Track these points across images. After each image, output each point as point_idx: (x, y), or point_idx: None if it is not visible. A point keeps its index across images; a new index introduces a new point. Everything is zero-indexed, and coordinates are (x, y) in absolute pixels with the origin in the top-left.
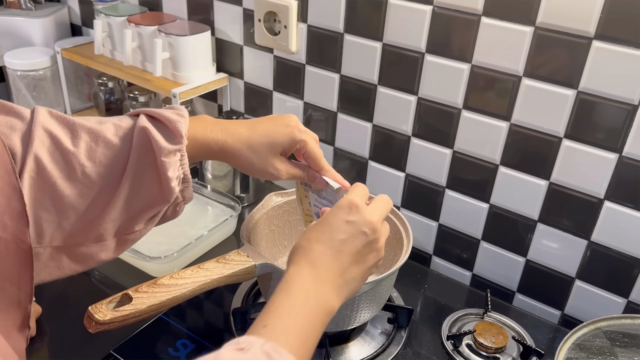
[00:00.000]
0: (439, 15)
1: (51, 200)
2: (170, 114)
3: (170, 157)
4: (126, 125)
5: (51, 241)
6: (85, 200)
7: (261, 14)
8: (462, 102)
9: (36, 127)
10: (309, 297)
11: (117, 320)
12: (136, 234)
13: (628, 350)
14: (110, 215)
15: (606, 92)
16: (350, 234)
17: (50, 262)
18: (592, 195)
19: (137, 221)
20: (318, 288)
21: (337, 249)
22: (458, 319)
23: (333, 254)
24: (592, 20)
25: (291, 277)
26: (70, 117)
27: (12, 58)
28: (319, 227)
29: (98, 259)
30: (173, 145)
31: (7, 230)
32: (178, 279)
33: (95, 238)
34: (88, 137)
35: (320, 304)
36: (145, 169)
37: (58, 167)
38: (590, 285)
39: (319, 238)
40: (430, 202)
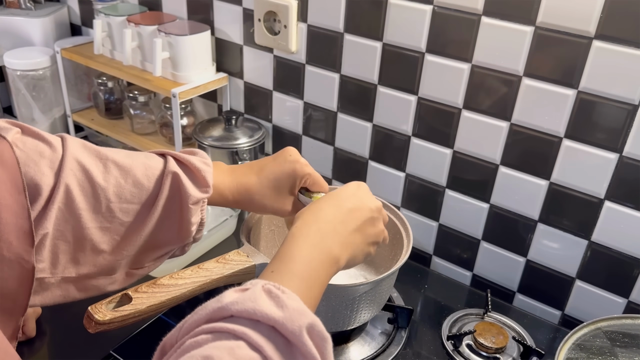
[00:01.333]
0: (439, 14)
1: (72, 232)
2: (198, 163)
3: (197, 205)
4: (156, 165)
5: (64, 272)
6: (105, 236)
7: (261, 13)
8: (462, 102)
9: (67, 157)
10: (314, 246)
11: (117, 321)
12: (145, 269)
13: (628, 350)
14: (126, 252)
15: (606, 92)
16: (357, 206)
17: (57, 290)
18: (593, 195)
19: (149, 258)
20: (323, 239)
21: (344, 214)
22: (458, 319)
23: (340, 217)
24: (593, 20)
25: (298, 229)
26: (101, 149)
27: (11, 58)
28: (329, 195)
29: (104, 290)
30: (201, 194)
31: (12, 249)
32: (178, 279)
33: (107, 272)
34: (118, 172)
35: (325, 253)
36: (171, 212)
37: (86, 199)
38: (591, 285)
39: (329, 202)
40: (431, 202)
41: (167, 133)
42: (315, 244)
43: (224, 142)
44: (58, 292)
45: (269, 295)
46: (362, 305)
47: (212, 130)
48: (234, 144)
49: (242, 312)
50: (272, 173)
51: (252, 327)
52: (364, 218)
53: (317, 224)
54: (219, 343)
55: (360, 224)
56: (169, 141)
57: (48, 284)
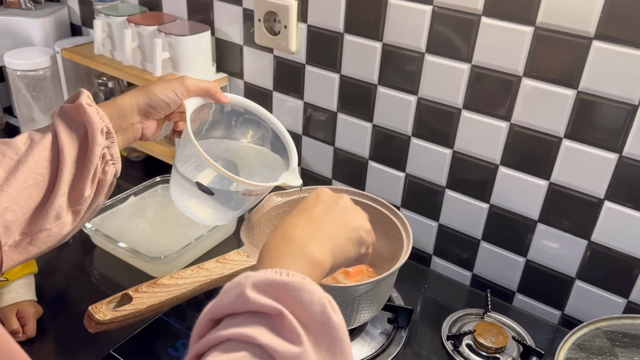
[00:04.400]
0: (439, 15)
1: (10, 198)
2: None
3: (86, 106)
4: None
5: (15, 237)
6: (38, 188)
7: (261, 13)
8: (462, 102)
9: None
10: (288, 252)
11: (117, 320)
12: (86, 201)
13: (628, 350)
14: (61, 190)
15: (606, 92)
16: (323, 204)
17: (15, 254)
18: (592, 195)
19: (83, 185)
20: (293, 245)
21: (309, 214)
22: (458, 319)
23: (306, 218)
24: (592, 20)
25: (265, 249)
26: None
27: (12, 58)
28: (293, 211)
29: (59, 236)
30: (80, 97)
31: None
32: (178, 278)
33: (54, 218)
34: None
35: (301, 254)
36: (72, 127)
37: (7, 168)
38: (591, 285)
39: (293, 216)
40: (430, 202)
41: None
42: (288, 249)
43: None
44: (17, 255)
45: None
46: (362, 305)
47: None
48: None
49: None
50: (159, 89)
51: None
52: (335, 210)
53: (282, 236)
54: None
55: (332, 217)
56: (169, 141)
57: (6, 252)
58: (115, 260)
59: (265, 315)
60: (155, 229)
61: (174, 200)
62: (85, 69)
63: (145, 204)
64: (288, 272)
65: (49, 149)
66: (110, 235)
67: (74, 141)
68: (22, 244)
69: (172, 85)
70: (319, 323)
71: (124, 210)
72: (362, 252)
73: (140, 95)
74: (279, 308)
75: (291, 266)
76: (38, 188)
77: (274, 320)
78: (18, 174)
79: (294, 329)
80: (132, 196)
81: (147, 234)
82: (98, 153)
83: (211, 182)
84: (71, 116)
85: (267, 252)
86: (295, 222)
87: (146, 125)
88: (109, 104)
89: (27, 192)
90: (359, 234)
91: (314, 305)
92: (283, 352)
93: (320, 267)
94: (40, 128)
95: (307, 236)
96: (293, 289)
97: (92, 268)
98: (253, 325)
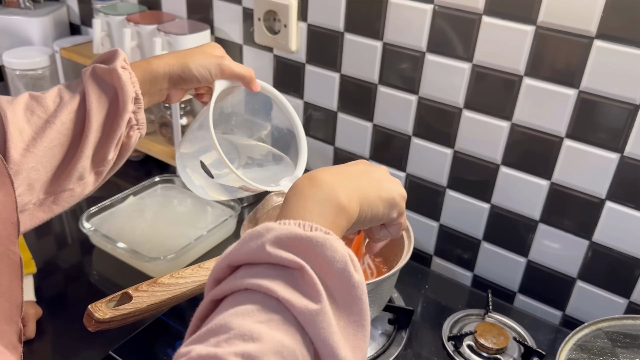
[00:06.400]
0: (439, 14)
1: (35, 156)
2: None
3: (120, 70)
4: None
5: (39, 195)
6: (63, 148)
7: (261, 12)
8: (463, 101)
9: (1, 104)
10: (315, 196)
11: (117, 319)
12: (109, 163)
13: (629, 351)
14: (86, 152)
15: (608, 91)
16: (358, 165)
17: (37, 212)
18: (594, 196)
19: (107, 148)
20: (320, 188)
21: (341, 169)
22: (459, 320)
23: (330, 170)
24: (594, 19)
25: (291, 191)
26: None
27: (11, 57)
28: None
29: (82, 196)
30: (115, 60)
31: (1, 240)
32: (178, 278)
33: (77, 179)
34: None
35: (327, 198)
36: (101, 89)
37: (31, 126)
38: (592, 285)
39: (323, 167)
40: (431, 203)
41: (166, 133)
42: (315, 193)
43: None
44: (41, 214)
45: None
46: None
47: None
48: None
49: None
50: (191, 49)
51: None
52: (369, 171)
53: (310, 179)
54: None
55: (359, 171)
56: (169, 141)
57: (30, 210)
58: (114, 260)
59: (285, 269)
60: (155, 229)
61: (178, 157)
62: None
63: (145, 204)
64: (312, 226)
65: (77, 111)
66: (109, 235)
67: (102, 105)
68: (46, 202)
69: (209, 64)
70: (340, 280)
71: (123, 210)
72: (393, 216)
73: (175, 64)
74: (300, 263)
75: (316, 211)
76: (62, 148)
77: (294, 274)
78: (45, 135)
79: (315, 285)
80: (131, 196)
81: (147, 234)
82: (126, 119)
83: (212, 164)
84: (103, 78)
85: (293, 194)
86: (326, 170)
87: (173, 92)
88: (143, 67)
89: (51, 152)
90: (391, 195)
91: (336, 262)
92: (300, 308)
93: (346, 213)
94: (71, 84)
95: (335, 182)
96: (316, 244)
97: (91, 268)
98: (272, 277)
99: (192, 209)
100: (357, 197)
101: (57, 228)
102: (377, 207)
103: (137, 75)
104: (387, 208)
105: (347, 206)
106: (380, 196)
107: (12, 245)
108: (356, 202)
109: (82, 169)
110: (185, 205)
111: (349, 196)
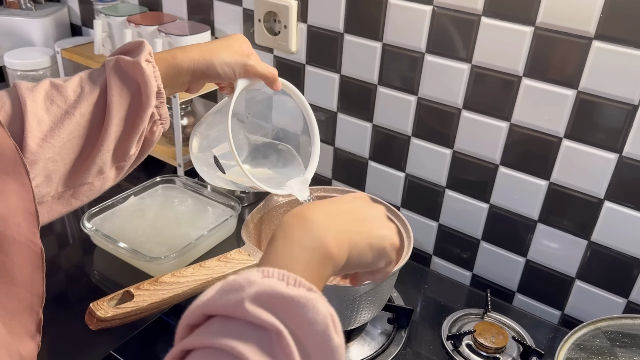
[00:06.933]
0: (439, 15)
1: (53, 148)
2: (129, 42)
3: (145, 64)
4: (97, 68)
5: (57, 188)
6: (82, 137)
7: (261, 14)
8: (462, 102)
9: (21, 91)
10: (303, 241)
11: (119, 318)
12: (130, 158)
13: (628, 350)
14: (106, 145)
15: (606, 92)
16: (354, 204)
17: (58, 205)
18: (592, 196)
19: (129, 143)
20: (309, 231)
21: (336, 207)
22: (458, 319)
23: (323, 209)
24: (592, 20)
25: (279, 230)
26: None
27: (12, 58)
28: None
29: (102, 190)
30: (141, 53)
31: (21, 231)
32: (179, 277)
33: (96, 173)
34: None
35: (315, 245)
36: (123, 84)
37: (50, 116)
38: (590, 285)
39: (316, 203)
40: (431, 202)
41: (167, 133)
42: (302, 237)
43: None
44: (60, 207)
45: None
46: (362, 306)
47: None
48: None
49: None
50: (217, 41)
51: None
52: (355, 205)
53: (300, 219)
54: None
55: (350, 210)
56: (169, 141)
57: (47, 203)
58: (115, 260)
59: (262, 329)
60: (156, 229)
61: (193, 138)
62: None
63: (146, 204)
64: (295, 280)
65: (96, 103)
66: (110, 235)
67: (124, 99)
68: (64, 195)
69: (234, 63)
70: (319, 343)
71: (124, 210)
72: (381, 266)
73: (199, 61)
74: (279, 327)
75: (302, 259)
76: (80, 140)
77: (271, 338)
78: (63, 126)
79: (290, 353)
80: (132, 196)
81: (148, 234)
82: (149, 114)
83: (223, 155)
84: (126, 71)
85: (282, 235)
86: (319, 208)
87: (194, 85)
88: (167, 60)
89: (70, 144)
90: (382, 244)
91: (317, 324)
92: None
93: (333, 262)
94: (93, 72)
95: (326, 225)
96: (298, 304)
97: (92, 268)
98: (246, 339)
99: (193, 209)
100: (346, 244)
101: (59, 228)
102: (366, 255)
103: (160, 69)
104: (375, 258)
105: (335, 255)
106: (371, 244)
107: (33, 236)
108: (345, 249)
109: (102, 163)
110: (186, 205)
111: (338, 242)
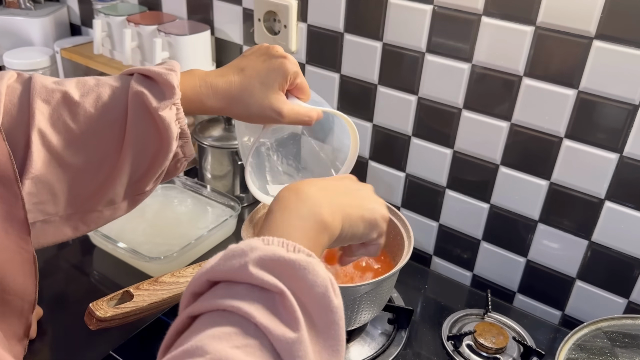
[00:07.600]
0: (439, 14)
1: (61, 169)
2: (160, 69)
3: (166, 112)
4: (120, 85)
5: (65, 209)
6: (93, 166)
7: (261, 13)
8: (462, 101)
9: (34, 98)
10: (299, 211)
11: (118, 318)
12: (146, 194)
13: (629, 350)
14: (120, 180)
15: (607, 92)
16: (345, 181)
17: (65, 227)
18: (593, 196)
19: (146, 181)
20: (305, 202)
21: (328, 182)
22: (458, 320)
23: (316, 183)
24: (593, 19)
25: (276, 203)
26: (62, 86)
27: (11, 58)
28: None
29: (111, 219)
30: (166, 100)
31: (10, 237)
32: (179, 277)
33: (107, 203)
34: (92, 98)
35: (311, 214)
36: (145, 127)
37: (60, 136)
38: (591, 285)
39: (309, 180)
40: (431, 202)
41: None
42: (299, 207)
43: (224, 142)
44: (67, 229)
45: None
46: (362, 306)
47: (212, 130)
48: (234, 144)
49: None
50: (256, 70)
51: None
52: (355, 189)
53: (295, 193)
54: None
55: (344, 188)
56: None
57: (54, 223)
58: (114, 260)
59: (265, 291)
60: (155, 229)
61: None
62: (84, 69)
63: (145, 204)
64: (295, 246)
65: (112, 131)
66: (109, 235)
67: (143, 139)
68: (72, 218)
69: (270, 110)
70: (319, 304)
71: None
72: (373, 237)
73: (226, 109)
74: (282, 287)
75: (299, 228)
76: (91, 166)
77: (274, 298)
78: (73, 150)
79: (294, 312)
80: None
81: (147, 234)
82: (170, 157)
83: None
84: (148, 108)
85: (278, 207)
86: (312, 183)
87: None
88: (195, 104)
89: (78, 169)
90: (373, 216)
91: (317, 286)
92: (278, 336)
93: (329, 231)
94: (115, 91)
95: (320, 198)
96: (299, 267)
97: (92, 268)
98: (251, 300)
99: (193, 209)
100: (340, 215)
101: None
102: (358, 226)
103: (186, 108)
104: (367, 228)
105: (330, 224)
106: (363, 216)
107: (24, 243)
108: (339, 219)
109: (114, 195)
110: (185, 205)
111: (332, 213)
